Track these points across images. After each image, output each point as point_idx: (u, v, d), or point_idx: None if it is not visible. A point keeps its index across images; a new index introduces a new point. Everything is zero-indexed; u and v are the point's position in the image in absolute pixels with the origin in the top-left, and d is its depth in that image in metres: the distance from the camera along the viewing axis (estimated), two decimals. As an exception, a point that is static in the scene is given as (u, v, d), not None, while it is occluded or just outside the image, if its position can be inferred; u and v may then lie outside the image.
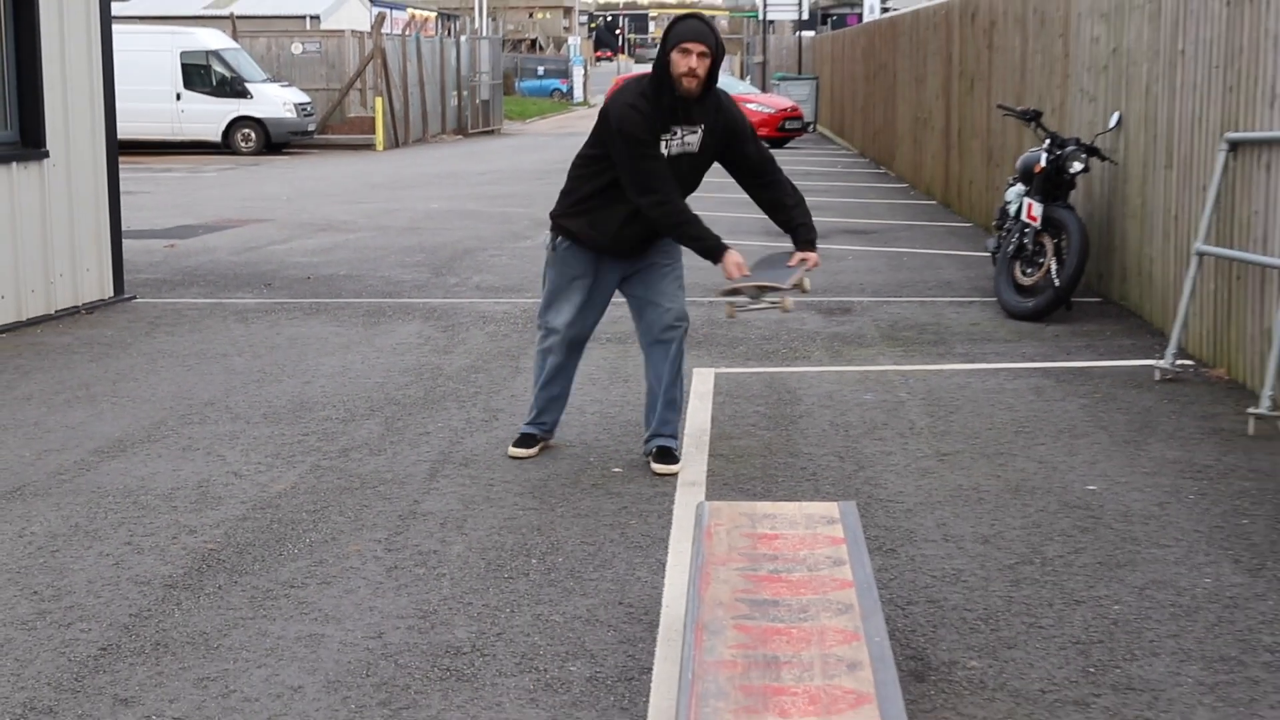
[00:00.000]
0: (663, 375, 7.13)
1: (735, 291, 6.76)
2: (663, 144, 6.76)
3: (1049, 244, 11.21)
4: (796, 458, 7.33)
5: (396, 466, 7.19)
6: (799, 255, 7.01)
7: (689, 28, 6.69)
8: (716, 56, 6.70)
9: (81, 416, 8.30)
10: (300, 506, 6.55)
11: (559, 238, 7.14)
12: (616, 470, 7.11)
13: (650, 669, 4.73)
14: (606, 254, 7.09)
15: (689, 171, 7.01)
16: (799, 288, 6.70)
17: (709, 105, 6.82)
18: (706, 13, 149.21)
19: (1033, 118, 12.15)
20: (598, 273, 7.14)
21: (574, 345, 7.26)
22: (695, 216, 6.93)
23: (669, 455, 7.08)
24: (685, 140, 6.82)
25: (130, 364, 9.77)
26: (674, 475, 6.98)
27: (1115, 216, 11.54)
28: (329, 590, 5.49)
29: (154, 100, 32.81)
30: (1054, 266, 11.09)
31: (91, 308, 11.89)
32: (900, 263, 14.51)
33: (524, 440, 7.37)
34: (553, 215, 7.23)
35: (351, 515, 6.42)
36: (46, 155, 11.42)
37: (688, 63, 6.63)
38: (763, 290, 6.72)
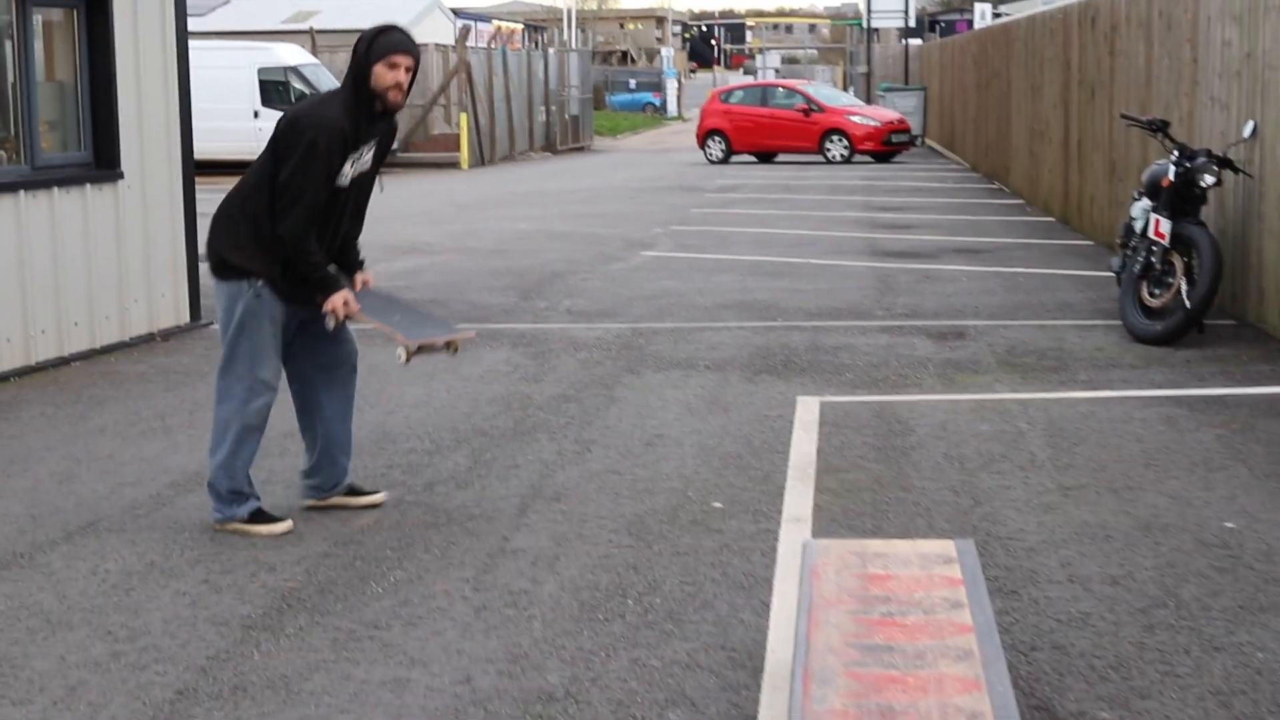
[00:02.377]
0: (347, 415, 7.03)
1: (425, 348, 6.74)
2: (349, 165, 6.62)
3: (1178, 263, 11.05)
4: (909, 492, 7.25)
5: (484, 501, 7.19)
6: (360, 277, 6.95)
7: (396, 40, 6.62)
8: (417, 72, 6.69)
9: (157, 449, 8.37)
10: (384, 543, 6.56)
11: (259, 282, 6.65)
12: (717, 505, 7.08)
13: (755, 719, 4.68)
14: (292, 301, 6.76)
15: (360, 191, 6.85)
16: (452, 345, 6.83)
17: (385, 129, 6.80)
18: (808, 21, 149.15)
19: (1159, 128, 12.00)
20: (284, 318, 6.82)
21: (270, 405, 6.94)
22: (322, 262, 6.65)
23: (359, 489, 7.14)
24: (365, 159, 6.73)
25: (207, 393, 9.81)
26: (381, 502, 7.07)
27: (1251, 233, 11.37)
28: (415, 631, 5.48)
29: (231, 119, 33.22)
30: (1184, 287, 10.94)
31: (167, 335, 12.03)
32: (1016, 283, 14.38)
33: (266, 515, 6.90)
34: (228, 256, 6.70)
35: (438, 552, 6.42)
36: (121, 177, 11.57)
37: (396, 76, 6.57)
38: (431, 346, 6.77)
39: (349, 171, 6.65)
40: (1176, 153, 11.36)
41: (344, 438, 7.06)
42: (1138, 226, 11.84)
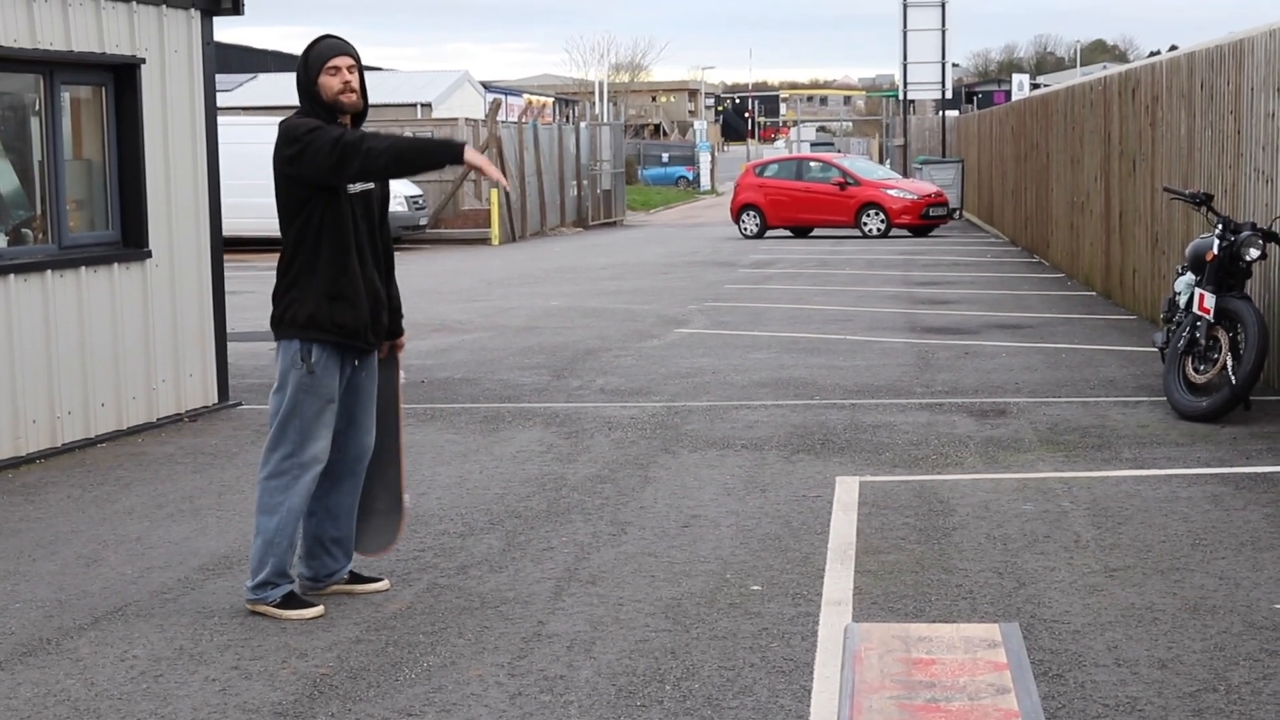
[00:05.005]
0: (353, 510, 7.07)
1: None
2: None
3: (1224, 338, 11.05)
4: (951, 574, 7.24)
5: (519, 584, 7.20)
6: (386, 344, 7.08)
7: (328, 45, 6.76)
8: (362, 67, 6.78)
9: (185, 531, 8.42)
10: (417, 628, 6.58)
11: (311, 347, 6.75)
12: (755, 588, 7.08)
13: (797, 807, 4.67)
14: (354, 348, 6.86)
15: (371, 212, 6.88)
16: None
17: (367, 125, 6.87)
18: (843, 93, 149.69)
19: (1203, 201, 12.03)
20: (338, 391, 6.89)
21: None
22: (400, 135, 6.79)
23: (361, 576, 7.18)
24: None
25: (236, 475, 9.91)
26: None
27: (1296, 307, 11.35)
28: (449, 718, 5.49)
29: (259, 195, 33.09)
30: (1230, 362, 10.93)
31: (195, 415, 12.10)
32: (1058, 360, 14.38)
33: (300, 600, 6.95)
34: (282, 311, 6.84)
35: (472, 637, 6.43)
36: (149, 255, 11.68)
37: (341, 79, 6.70)
38: None
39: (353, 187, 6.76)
40: (1220, 226, 11.38)
41: (340, 533, 7.07)
42: (1181, 301, 11.85)
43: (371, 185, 6.86)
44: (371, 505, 7.20)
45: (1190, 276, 11.76)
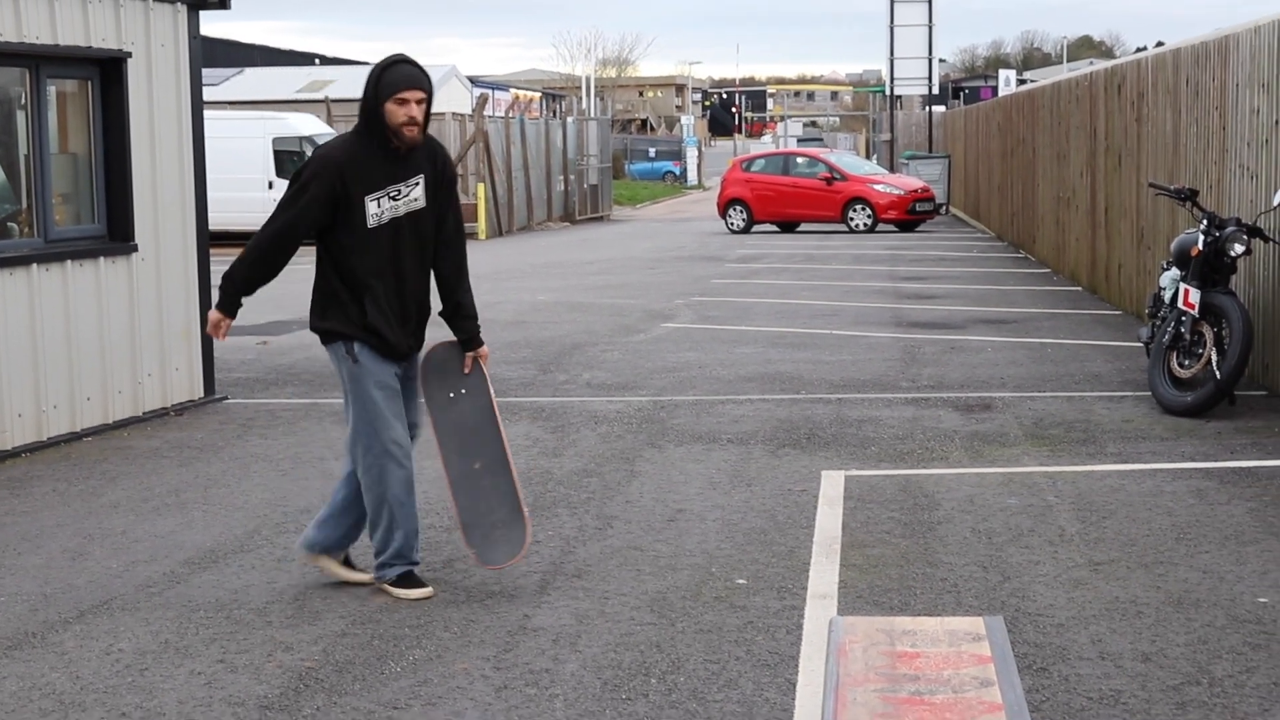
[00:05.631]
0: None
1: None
2: (374, 204, 6.72)
3: (1208, 333, 11.08)
4: (936, 568, 7.26)
5: (504, 578, 7.21)
6: (469, 356, 7.08)
7: (403, 74, 6.70)
8: (431, 101, 6.76)
9: (171, 525, 8.41)
10: (403, 621, 6.59)
11: (353, 344, 6.91)
12: (741, 582, 7.09)
13: (781, 799, 4.69)
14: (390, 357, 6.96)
15: (419, 235, 6.90)
16: None
17: (424, 153, 6.85)
18: (830, 88, 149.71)
19: (1188, 197, 12.06)
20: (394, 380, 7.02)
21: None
22: (240, 268, 6.80)
23: (353, 563, 7.24)
24: (410, 196, 6.80)
25: (222, 469, 9.91)
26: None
27: (1281, 302, 11.38)
28: (434, 712, 5.50)
29: (245, 189, 33.38)
30: (1214, 357, 10.95)
31: (181, 409, 12.09)
32: (1044, 354, 14.40)
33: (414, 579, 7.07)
34: (317, 323, 7.00)
35: (457, 631, 6.44)
36: (135, 249, 11.67)
37: (407, 111, 6.67)
38: None
39: (379, 212, 6.73)
40: (1205, 221, 11.41)
41: (362, 514, 7.11)
42: (1166, 296, 11.88)
43: (419, 205, 6.84)
44: (491, 518, 7.06)
45: (1175, 272, 11.79)
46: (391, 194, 6.76)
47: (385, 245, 6.78)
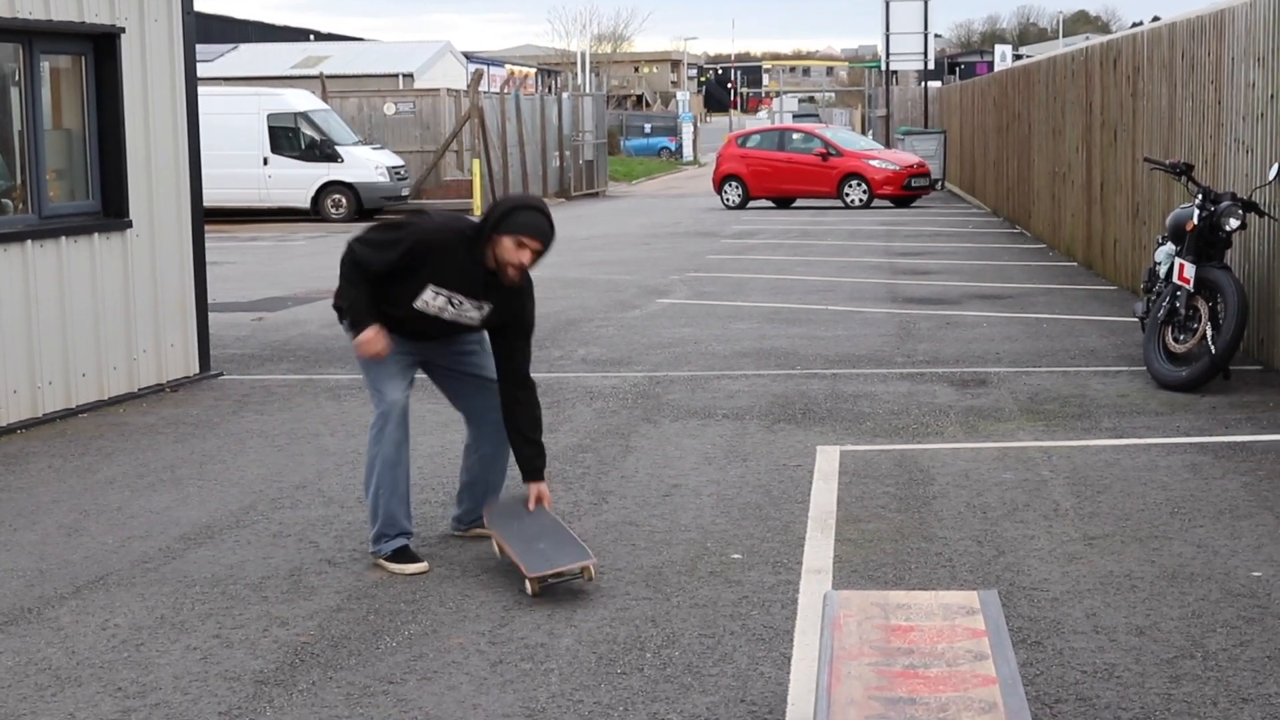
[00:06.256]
0: (497, 456, 7.30)
1: (548, 578, 6.63)
2: (432, 293, 6.78)
3: (1203, 308, 11.07)
4: (931, 542, 7.27)
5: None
6: (533, 490, 7.03)
7: (533, 223, 6.66)
8: (545, 255, 6.76)
9: (167, 501, 8.42)
10: (398, 596, 6.59)
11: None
12: (736, 557, 7.10)
13: (776, 773, 4.70)
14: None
15: (453, 338, 7.10)
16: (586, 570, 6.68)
17: (510, 289, 6.84)
18: (825, 64, 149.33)
19: (1183, 171, 12.05)
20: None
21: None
22: (360, 297, 6.82)
23: None
24: (466, 310, 6.85)
25: (217, 445, 9.91)
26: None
27: (1276, 276, 11.39)
28: (430, 686, 5.51)
29: (240, 165, 33.36)
30: (1209, 332, 10.95)
31: (176, 385, 12.09)
32: (1039, 330, 14.40)
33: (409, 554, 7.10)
34: (339, 304, 7.11)
35: (453, 605, 6.45)
36: (130, 225, 11.66)
37: (521, 256, 6.66)
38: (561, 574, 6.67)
39: (432, 303, 6.79)
40: (1200, 196, 11.40)
41: (492, 478, 7.30)
42: (1161, 271, 11.88)
43: (471, 321, 6.90)
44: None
45: (1170, 246, 11.79)
46: (454, 300, 6.82)
47: (420, 317, 6.88)
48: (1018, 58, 60.69)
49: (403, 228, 6.82)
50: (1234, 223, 11.17)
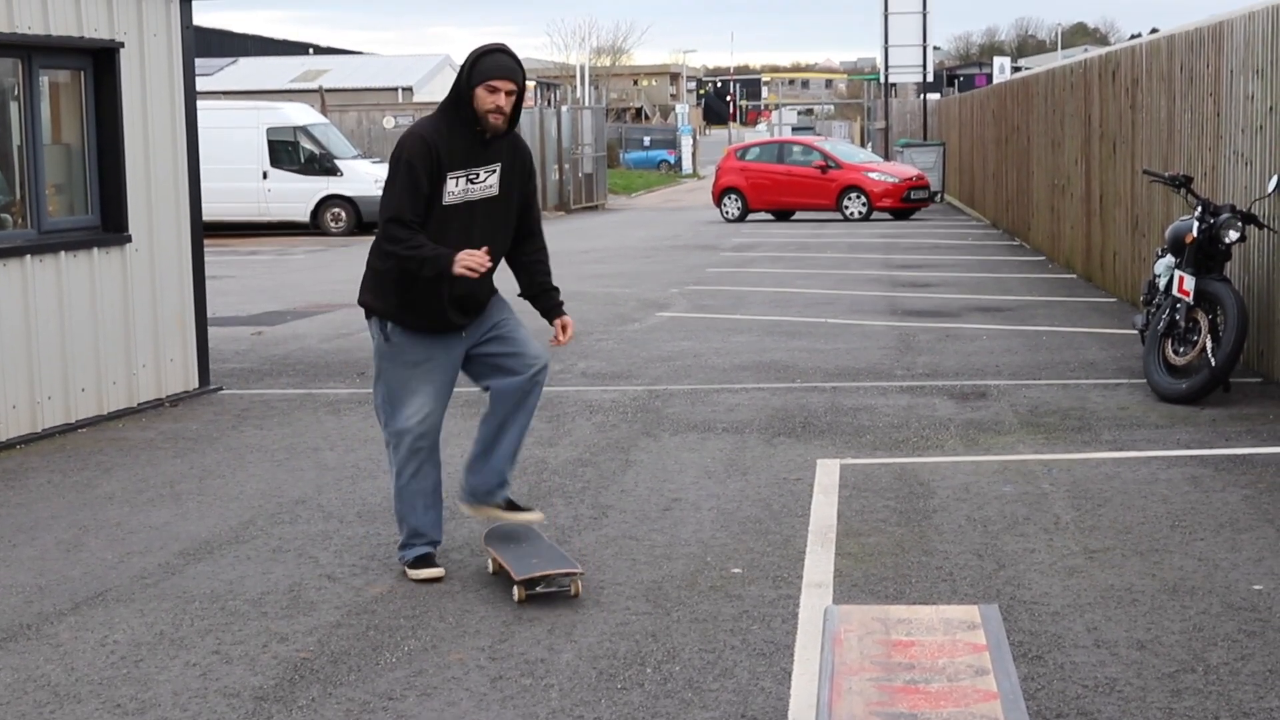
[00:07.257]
0: (515, 429, 7.17)
1: (535, 580, 6.65)
2: (453, 182, 6.78)
3: (1203, 320, 11.07)
4: (931, 556, 7.26)
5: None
6: (559, 322, 7.32)
7: (497, 64, 6.76)
8: (522, 93, 6.83)
9: (166, 516, 8.41)
10: (398, 612, 6.58)
11: (387, 324, 7.01)
12: (736, 571, 7.09)
13: (777, 788, 4.68)
14: (439, 333, 7.06)
15: (490, 218, 6.99)
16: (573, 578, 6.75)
17: (506, 143, 6.93)
18: (824, 76, 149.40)
19: (1182, 183, 12.05)
20: (437, 354, 7.07)
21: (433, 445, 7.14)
22: (423, 242, 6.75)
23: (517, 505, 7.24)
24: (486, 182, 6.87)
25: (216, 460, 9.90)
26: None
27: (1276, 288, 11.39)
28: (430, 702, 5.50)
29: (239, 179, 33.35)
30: (1209, 344, 10.95)
31: (175, 400, 12.08)
32: (1039, 342, 14.40)
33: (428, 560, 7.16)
34: (362, 296, 7.13)
35: (453, 621, 6.44)
36: (129, 240, 11.65)
37: (495, 100, 6.73)
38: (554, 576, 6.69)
39: (456, 191, 6.79)
40: (1200, 208, 11.40)
41: (504, 447, 7.15)
42: (1161, 283, 11.88)
43: (492, 192, 6.91)
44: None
45: (1170, 259, 11.79)
46: (470, 176, 6.83)
47: (457, 225, 6.83)
48: (1016, 70, 60.74)
49: (397, 159, 6.79)
50: (1233, 235, 11.17)
